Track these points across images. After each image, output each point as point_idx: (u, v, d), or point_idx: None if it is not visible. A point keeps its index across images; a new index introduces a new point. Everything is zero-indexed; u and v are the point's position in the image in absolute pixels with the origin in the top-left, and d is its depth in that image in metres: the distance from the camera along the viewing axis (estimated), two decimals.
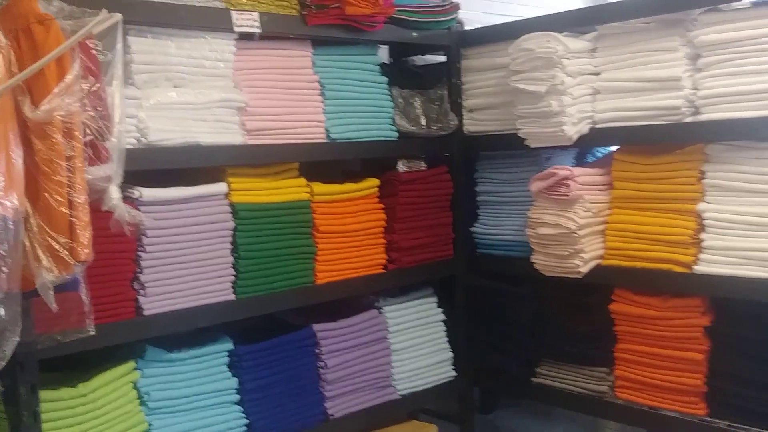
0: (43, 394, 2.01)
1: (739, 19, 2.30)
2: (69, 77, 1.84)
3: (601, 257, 2.64)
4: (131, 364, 2.22)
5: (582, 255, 2.58)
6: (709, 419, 2.46)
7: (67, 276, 1.82)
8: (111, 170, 1.95)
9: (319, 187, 2.59)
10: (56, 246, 1.80)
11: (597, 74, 2.61)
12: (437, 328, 2.99)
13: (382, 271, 2.78)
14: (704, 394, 2.48)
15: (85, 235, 1.84)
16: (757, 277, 2.28)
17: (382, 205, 2.78)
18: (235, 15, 2.35)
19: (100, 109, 1.93)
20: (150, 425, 2.23)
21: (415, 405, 2.98)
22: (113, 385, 2.16)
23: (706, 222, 2.40)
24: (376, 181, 2.76)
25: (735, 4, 2.31)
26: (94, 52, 1.96)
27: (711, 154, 2.40)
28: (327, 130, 2.61)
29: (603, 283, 2.64)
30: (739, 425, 2.39)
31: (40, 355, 1.96)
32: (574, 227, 2.54)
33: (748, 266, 2.31)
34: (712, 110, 2.36)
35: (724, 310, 2.44)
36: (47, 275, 1.80)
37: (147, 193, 2.18)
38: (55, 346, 1.91)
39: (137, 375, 2.22)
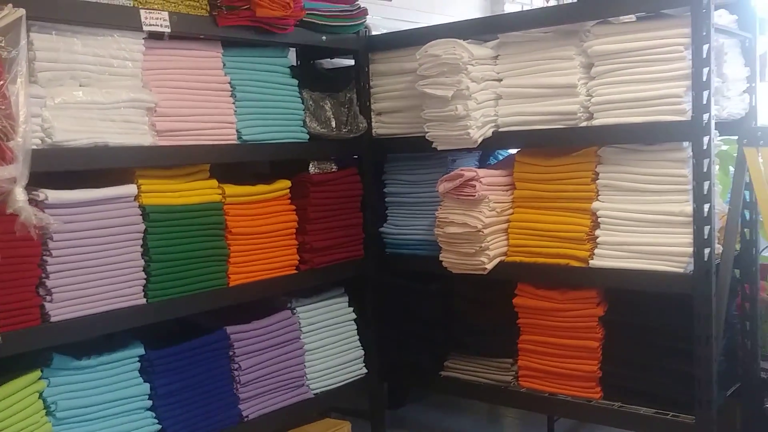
0: None
1: (626, 32, 2.48)
2: None
3: (505, 254, 2.78)
4: (36, 374, 2.13)
5: (487, 252, 2.70)
6: (604, 402, 2.64)
7: None
8: (16, 171, 1.89)
9: (231, 189, 2.58)
10: None
11: (499, 80, 2.75)
12: (349, 327, 3.04)
13: (295, 271, 2.80)
14: (599, 379, 2.66)
15: None
16: (646, 269, 2.48)
17: (293, 207, 2.79)
18: (143, 13, 2.31)
19: (3, 107, 1.87)
20: None
21: (328, 403, 3.02)
22: (17, 396, 2.07)
23: (600, 219, 2.58)
24: (287, 183, 2.78)
25: (623, 18, 2.50)
26: None
27: (603, 156, 2.58)
28: (238, 131, 2.61)
29: (507, 278, 2.78)
30: (631, 405, 2.58)
31: None
32: (480, 226, 2.66)
33: (638, 259, 2.50)
34: (604, 115, 2.53)
35: (616, 300, 2.63)
36: None
37: (53, 195, 2.11)
38: None
39: (43, 384, 2.14)
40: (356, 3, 3.00)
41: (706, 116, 2.32)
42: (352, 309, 3.06)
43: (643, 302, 2.57)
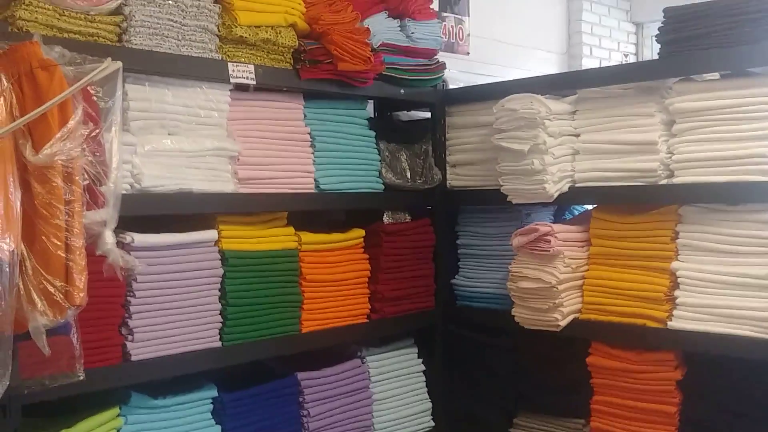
0: None
1: (710, 90, 2.44)
2: (71, 122, 1.88)
3: (579, 311, 2.71)
4: (115, 411, 2.20)
5: (561, 309, 2.65)
6: None
7: (60, 320, 1.83)
8: (107, 215, 1.97)
9: (307, 237, 2.63)
10: (51, 289, 1.82)
11: (577, 135, 2.73)
12: (417, 378, 3.02)
13: (366, 320, 2.81)
14: None
15: (80, 279, 1.86)
16: (728, 333, 2.37)
17: (367, 256, 2.82)
18: (231, 67, 2.41)
19: (98, 154, 1.97)
20: None
21: None
22: None
23: (679, 280, 2.49)
24: (361, 232, 2.81)
25: (706, 76, 2.46)
26: (95, 98, 2.00)
27: (684, 215, 2.51)
28: (316, 180, 2.67)
29: (580, 336, 2.71)
30: None
31: (24, 400, 1.94)
32: (554, 282, 2.62)
33: (719, 323, 2.40)
34: (685, 174, 2.47)
35: (695, 364, 2.53)
36: (41, 318, 1.81)
37: (139, 238, 2.20)
38: (40, 391, 1.89)
39: (121, 422, 2.20)
40: (435, 57, 3.05)
41: None
42: (421, 360, 3.04)
43: (724, 367, 2.45)
